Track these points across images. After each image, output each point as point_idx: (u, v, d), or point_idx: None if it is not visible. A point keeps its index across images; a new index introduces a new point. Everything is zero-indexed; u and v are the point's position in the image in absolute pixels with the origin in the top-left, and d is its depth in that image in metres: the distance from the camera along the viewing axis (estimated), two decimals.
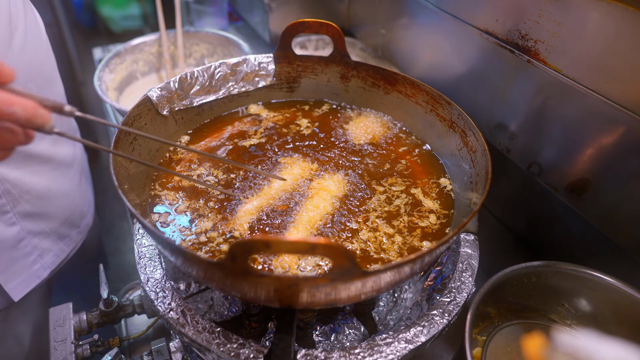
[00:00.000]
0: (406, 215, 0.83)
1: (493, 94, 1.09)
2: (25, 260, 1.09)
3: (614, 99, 0.81)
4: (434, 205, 0.86)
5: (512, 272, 0.81)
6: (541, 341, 0.34)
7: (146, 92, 0.88)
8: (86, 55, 3.80)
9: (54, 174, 1.12)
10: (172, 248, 0.61)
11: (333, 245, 0.48)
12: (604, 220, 0.91)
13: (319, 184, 0.88)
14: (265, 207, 0.82)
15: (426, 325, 0.74)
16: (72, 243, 1.24)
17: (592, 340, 0.30)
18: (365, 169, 0.92)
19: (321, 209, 0.83)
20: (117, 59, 1.48)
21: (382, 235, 0.79)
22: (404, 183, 0.90)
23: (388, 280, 0.62)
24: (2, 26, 0.89)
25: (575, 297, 0.85)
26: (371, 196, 0.86)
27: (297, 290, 0.56)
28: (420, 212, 0.84)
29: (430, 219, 0.83)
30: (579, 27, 0.83)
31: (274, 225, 0.79)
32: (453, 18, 1.14)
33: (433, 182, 0.90)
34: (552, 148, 0.97)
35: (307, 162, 0.93)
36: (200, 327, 0.70)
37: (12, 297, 1.07)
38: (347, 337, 0.95)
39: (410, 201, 0.86)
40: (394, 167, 0.93)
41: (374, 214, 0.83)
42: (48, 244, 1.15)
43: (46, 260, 1.15)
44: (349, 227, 0.80)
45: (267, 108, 1.08)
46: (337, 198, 0.85)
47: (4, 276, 1.04)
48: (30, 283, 1.12)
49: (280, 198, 0.84)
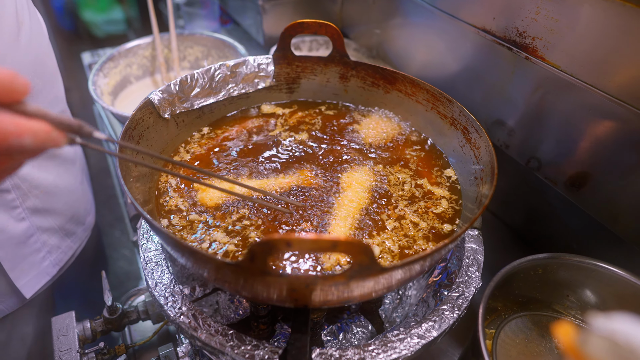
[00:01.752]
0: (422, 209, 0.84)
1: (490, 91, 1.10)
2: (35, 257, 1.09)
3: (612, 93, 0.83)
4: (445, 194, 0.87)
5: (519, 265, 0.82)
6: (572, 327, 0.34)
7: (147, 95, 0.88)
8: (70, 61, 3.76)
9: (59, 170, 1.13)
10: (188, 250, 0.61)
11: (354, 242, 0.48)
12: (602, 212, 0.92)
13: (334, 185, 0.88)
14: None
15: (437, 320, 0.74)
16: (78, 240, 1.24)
17: (629, 323, 0.31)
18: (377, 167, 0.93)
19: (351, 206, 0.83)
20: (110, 63, 1.46)
21: (408, 224, 0.80)
22: (413, 175, 0.91)
23: (402, 277, 0.63)
24: (10, 20, 0.89)
25: (579, 288, 0.87)
26: (390, 194, 0.87)
27: (315, 289, 0.56)
28: (433, 201, 0.85)
29: (443, 205, 0.84)
30: (576, 24, 0.85)
31: (290, 224, 0.79)
32: (449, 16, 1.15)
33: (439, 175, 0.91)
34: (551, 143, 0.98)
35: (311, 165, 0.93)
36: (213, 330, 0.70)
37: (24, 294, 1.07)
38: (355, 335, 0.95)
39: (423, 193, 0.87)
40: (404, 162, 0.94)
41: (398, 207, 0.83)
42: (56, 240, 1.15)
43: (55, 257, 1.15)
44: (378, 223, 0.80)
45: (279, 107, 1.08)
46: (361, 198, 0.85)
47: (15, 273, 1.04)
48: (41, 280, 1.11)
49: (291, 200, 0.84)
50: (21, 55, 0.91)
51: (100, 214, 1.44)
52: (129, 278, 2.29)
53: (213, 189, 0.84)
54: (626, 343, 0.31)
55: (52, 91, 1.06)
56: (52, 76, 1.07)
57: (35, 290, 1.10)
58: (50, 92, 1.06)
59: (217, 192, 0.84)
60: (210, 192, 0.85)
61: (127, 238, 2.54)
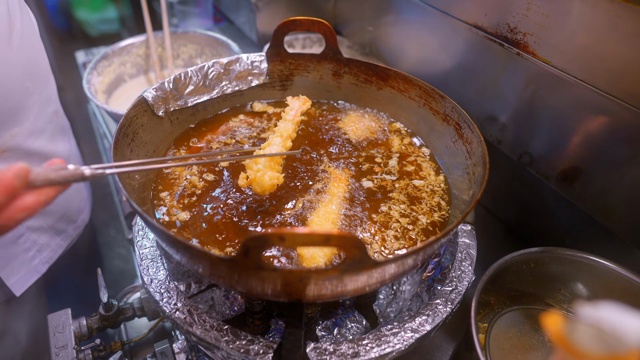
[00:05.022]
0: (410, 203, 0.85)
1: (482, 87, 1.11)
2: (24, 256, 1.09)
3: (602, 88, 0.84)
4: (436, 188, 0.87)
5: (511, 259, 0.83)
6: (560, 317, 0.35)
7: (141, 93, 0.88)
8: (64, 60, 3.74)
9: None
10: (182, 245, 0.61)
11: (347, 236, 0.49)
12: (594, 206, 0.93)
13: (325, 179, 0.89)
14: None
15: (430, 315, 0.75)
16: (68, 238, 1.25)
17: (615, 311, 0.32)
18: (362, 162, 0.93)
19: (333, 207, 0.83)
20: (104, 62, 1.46)
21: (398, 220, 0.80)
22: (404, 171, 0.91)
23: (395, 271, 0.64)
24: (2, 21, 0.88)
25: (571, 282, 0.88)
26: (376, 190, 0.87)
27: (309, 283, 0.57)
28: (425, 196, 0.85)
29: (435, 200, 0.85)
30: (567, 19, 0.86)
31: (286, 223, 0.80)
32: (441, 13, 1.16)
33: (430, 170, 0.92)
34: (543, 138, 0.99)
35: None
36: (208, 325, 0.70)
37: (14, 292, 1.07)
38: (350, 330, 0.96)
39: (414, 188, 0.88)
40: (393, 156, 0.95)
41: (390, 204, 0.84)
42: (46, 239, 1.16)
43: (44, 255, 1.16)
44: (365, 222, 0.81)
45: (270, 106, 1.08)
46: (343, 197, 0.86)
47: (5, 272, 1.04)
48: (30, 278, 1.12)
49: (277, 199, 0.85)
50: (14, 56, 0.91)
51: (95, 213, 1.44)
52: (125, 276, 2.29)
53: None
54: (611, 330, 0.31)
55: (45, 91, 1.06)
56: (45, 76, 1.07)
57: (25, 288, 1.10)
58: (43, 92, 1.06)
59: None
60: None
61: (122, 237, 2.54)
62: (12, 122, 0.94)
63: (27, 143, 1.00)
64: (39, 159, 1.06)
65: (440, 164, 0.95)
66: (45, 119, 1.07)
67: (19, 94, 0.93)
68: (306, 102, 0.97)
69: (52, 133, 1.11)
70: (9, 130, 0.94)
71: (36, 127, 1.03)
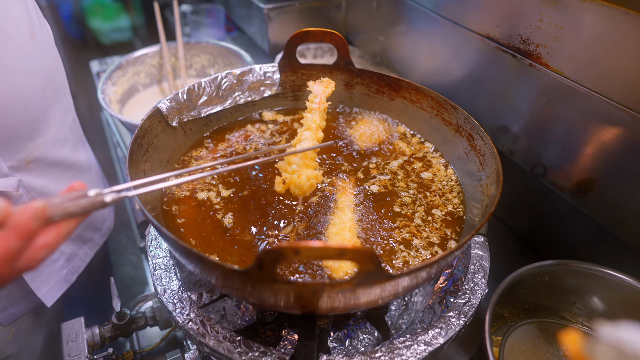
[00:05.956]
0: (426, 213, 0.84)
1: (494, 98, 1.11)
2: (53, 266, 1.10)
3: (617, 100, 0.83)
4: (449, 200, 0.87)
5: (525, 272, 0.82)
6: (580, 336, 0.35)
7: (156, 104, 0.89)
8: (77, 68, 3.80)
9: (75, 180, 1.13)
10: (195, 256, 0.61)
11: (362, 250, 0.49)
12: (609, 218, 0.92)
13: (337, 192, 0.89)
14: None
15: (444, 327, 0.74)
16: (95, 246, 1.26)
17: (637, 331, 0.31)
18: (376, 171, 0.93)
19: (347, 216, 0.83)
20: (119, 72, 1.48)
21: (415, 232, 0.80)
22: (417, 182, 0.91)
23: (408, 284, 0.63)
24: (25, 33, 0.90)
25: (587, 295, 0.87)
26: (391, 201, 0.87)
27: (322, 296, 0.57)
28: (438, 208, 0.85)
29: (448, 210, 0.84)
30: (580, 31, 0.86)
31: (303, 236, 0.80)
32: (452, 24, 1.16)
33: (444, 181, 0.92)
34: (556, 149, 0.98)
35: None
36: (221, 336, 0.70)
37: (45, 302, 1.08)
38: (362, 342, 0.95)
39: (427, 199, 0.87)
40: (406, 168, 0.95)
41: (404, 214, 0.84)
42: (73, 248, 1.16)
43: (73, 264, 1.16)
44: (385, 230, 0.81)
45: (280, 114, 1.09)
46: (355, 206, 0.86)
47: (35, 283, 1.05)
48: (60, 288, 1.12)
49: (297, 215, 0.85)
50: (34, 67, 0.92)
51: None
52: (135, 284, 2.30)
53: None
54: (633, 352, 0.31)
55: (63, 101, 1.08)
56: (62, 85, 1.09)
57: (56, 298, 1.11)
58: (62, 102, 1.07)
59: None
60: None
61: (133, 244, 2.55)
62: (35, 133, 0.95)
63: (50, 153, 1.01)
64: (62, 168, 1.07)
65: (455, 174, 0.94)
66: (66, 127, 1.08)
67: (41, 104, 0.95)
68: (329, 84, 0.88)
69: (74, 142, 1.13)
70: (33, 141, 0.95)
71: (59, 137, 1.04)
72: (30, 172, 0.97)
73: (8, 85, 0.85)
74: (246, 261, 0.74)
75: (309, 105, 0.85)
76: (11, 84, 0.86)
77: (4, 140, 0.87)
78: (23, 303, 1.07)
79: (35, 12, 0.98)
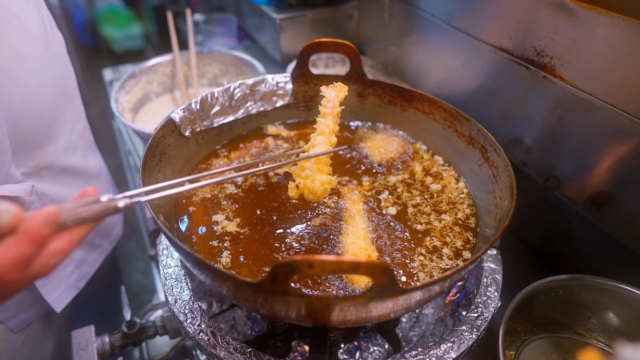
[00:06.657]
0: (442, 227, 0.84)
1: (507, 109, 1.10)
2: (63, 272, 1.11)
3: (633, 113, 0.82)
4: (463, 212, 0.86)
5: (539, 286, 0.81)
6: (598, 355, 0.34)
7: (169, 114, 0.90)
8: (90, 75, 3.86)
9: (85, 186, 1.14)
10: (207, 267, 0.61)
11: (375, 264, 0.48)
12: (624, 231, 0.91)
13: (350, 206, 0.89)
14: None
15: (456, 341, 0.74)
16: (104, 252, 1.26)
17: None
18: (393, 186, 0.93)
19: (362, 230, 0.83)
20: (132, 80, 1.50)
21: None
22: (429, 194, 0.91)
23: (421, 298, 0.63)
24: (39, 43, 0.91)
25: (602, 311, 0.85)
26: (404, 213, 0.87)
27: (334, 309, 0.56)
28: (451, 220, 0.85)
29: (461, 222, 0.84)
30: (594, 43, 0.85)
31: (311, 249, 0.80)
32: (465, 35, 1.16)
33: (457, 193, 0.91)
34: (570, 161, 0.97)
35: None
36: (232, 347, 0.70)
37: (55, 308, 1.08)
38: (372, 354, 0.95)
39: (440, 211, 0.87)
40: (419, 180, 0.94)
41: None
42: (82, 254, 1.17)
43: (82, 270, 1.17)
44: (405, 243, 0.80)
45: (286, 128, 1.09)
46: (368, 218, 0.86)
47: (45, 289, 1.05)
48: (70, 294, 1.13)
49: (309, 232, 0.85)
50: (47, 76, 0.94)
51: None
52: (144, 291, 2.31)
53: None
54: None
55: (74, 108, 1.09)
56: (73, 93, 1.10)
57: (66, 304, 1.11)
58: (74, 108, 1.09)
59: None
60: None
61: (142, 251, 2.57)
62: (47, 141, 0.96)
63: (62, 160, 1.03)
64: (73, 175, 1.08)
65: (467, 186, 0.94)
66: (77, 134, 1.10)
67: (53, 112, 0.96)
68: (342, 88, 0.88)
69: (85, 148, 1.14)
70: (45, 148, 0.96)
71: (70, 144, 1.05)
72: (42, 178, 0.98)
73: (22, 95, 0.86)
74: (256, 272, 0.74)
75: (322, 110, 0.86)
76: (25, 93, 0.87)
77: (17, 147, 0.89)
78: (33, 309, 1.07)
79: (48, 21, 1.00)
